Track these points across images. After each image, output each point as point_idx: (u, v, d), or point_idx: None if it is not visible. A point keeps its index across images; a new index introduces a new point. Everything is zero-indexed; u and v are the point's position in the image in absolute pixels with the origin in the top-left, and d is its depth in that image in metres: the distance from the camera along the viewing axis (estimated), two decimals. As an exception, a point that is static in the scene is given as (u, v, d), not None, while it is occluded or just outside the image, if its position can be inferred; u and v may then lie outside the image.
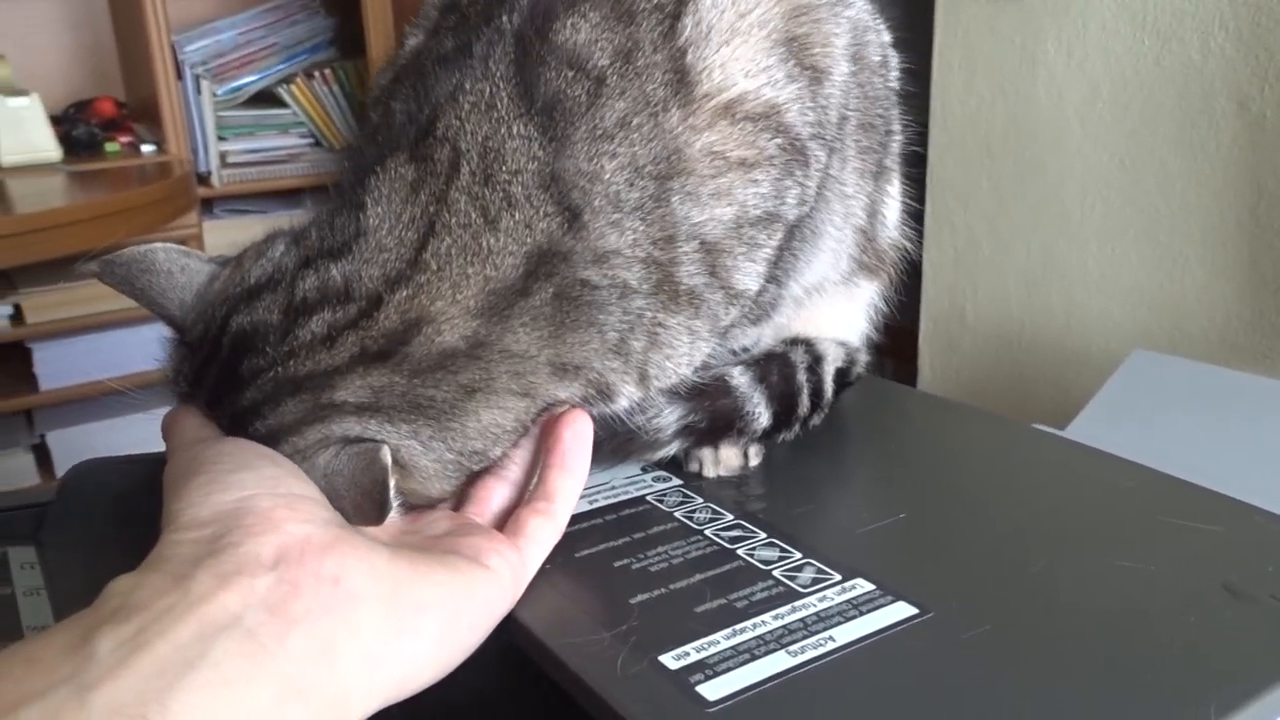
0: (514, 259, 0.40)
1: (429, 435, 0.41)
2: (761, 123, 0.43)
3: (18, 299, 1.73)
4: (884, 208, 0.56)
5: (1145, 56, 1.45)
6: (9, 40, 1.92)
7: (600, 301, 0.41)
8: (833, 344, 0.56)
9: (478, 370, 0.41)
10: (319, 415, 0.40)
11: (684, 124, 0.42)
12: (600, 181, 0.41)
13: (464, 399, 0.41)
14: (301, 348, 0.40)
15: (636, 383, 0.44)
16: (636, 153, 0.41)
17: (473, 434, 0.42)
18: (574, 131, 0.41)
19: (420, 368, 0.40)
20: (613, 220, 0.41)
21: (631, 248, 0.41)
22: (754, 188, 0.43)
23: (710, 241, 0.43)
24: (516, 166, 0.40)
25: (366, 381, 0.40)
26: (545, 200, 0.40)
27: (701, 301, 0.44)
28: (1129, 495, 0.48)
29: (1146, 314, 1.51)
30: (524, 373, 0.42)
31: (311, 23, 2.21)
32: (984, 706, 0.34)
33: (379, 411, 0.40)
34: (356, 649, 0.32)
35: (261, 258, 0.43)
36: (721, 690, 0.34)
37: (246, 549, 0.32)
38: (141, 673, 0.28)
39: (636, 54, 0.41)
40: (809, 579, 0.41)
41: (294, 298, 0.41)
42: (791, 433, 0.53)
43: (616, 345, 0.43)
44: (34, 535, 0.59)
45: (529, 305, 0.41)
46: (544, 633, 0.38)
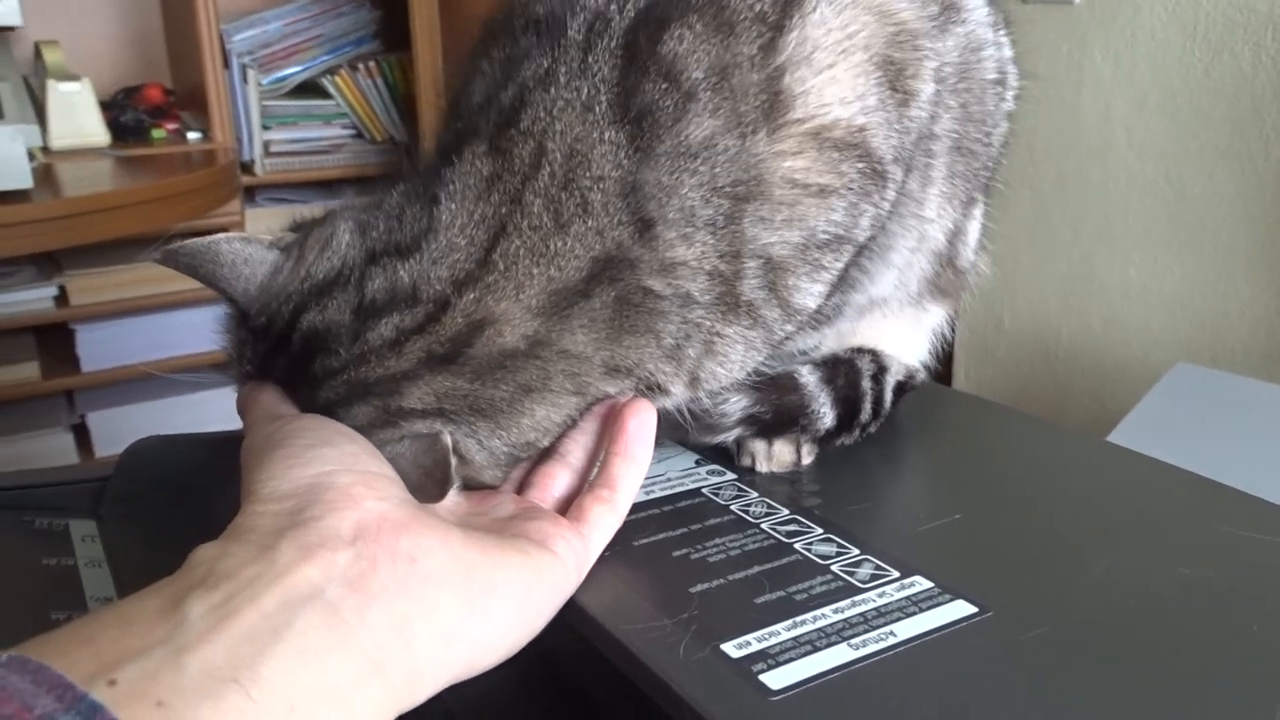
0: (579, 262, 0.41)
1: (486, 433, 0.42)
2: (847, 150, 0.43)
3: (63, 281, 1.75)
4: (967, 229, 0.55)
5: (1195, 67, 1.44)
6: (62, 26, 1.95)
7: (661, 310, 0.42)
8: (896, 359, 0.57)
9: (535, 370, 0.42)
10: (388, 420, 0.41)
11: (769, 149, 0.41)
12: (677, 195, 0.41)
13: (521, 397, 0.42)
14: (372, 352, 0.41)
15: (686, 385, 0.45)
16: (717, 172, 0.41)
17: (526, 428, 0.43)
18: (659, 144, 0.40)
19: (482, 369, 0.41)
20: (684, 234, 0.41)
21: (699, 260, 0.41)
22: (827, 214, 0.43)
23: (775, 260, 0.43)
24: (600, 173, 0.40)
25: (431, 388, 0.41)
26: (621, 209, 0.40)
27: (759, 315, 0.44)
28: (1185, 503, 0.48)
29: (1188, 327, 1.50)
30: (579, 373, 0.42)
31: (357, 15, 2.23)
32: (1045, 706, 0.34)
33: (442, 415, 0.41)
34: (431, 627, 0.33)
35: (326, 249, 0.43)
36: (784, 680, 0.34)
37: (327, 523, 0.33)
38: (232, 638, 0.29)
39: (733, 72, 0.41)
40: (867, 575, 0.41)
41: (364, 298, 0.42)
42: (851, 438, 0.54)
43: (671, 351, 0.43)
44: (94, 509, 0.60)
45: (589, 307, 0.41)
46: (605, 618, 0.39)
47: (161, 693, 0.27)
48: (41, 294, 1.74)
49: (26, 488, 0.61)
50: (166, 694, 0.27)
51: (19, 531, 0.57)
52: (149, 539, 0.57)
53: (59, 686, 0.26)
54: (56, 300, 1.75)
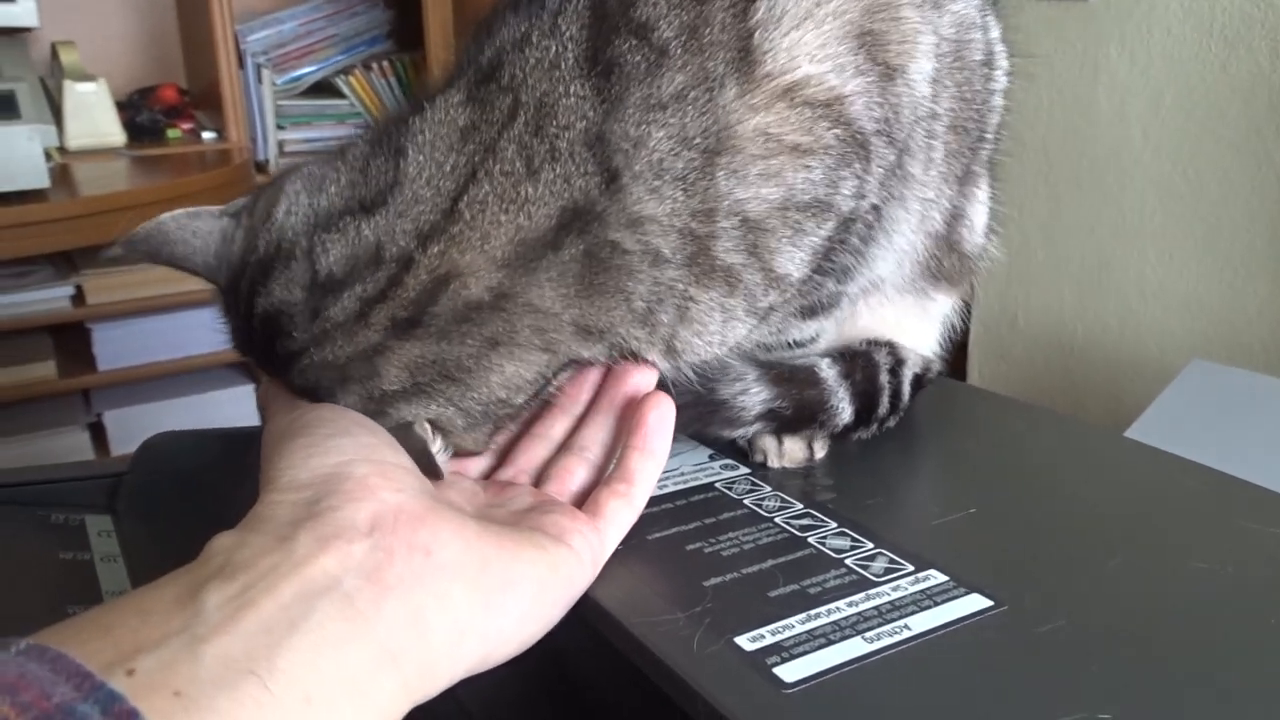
0: (548, 210, 0.40)
1: (459, 397, 0.42)
2: (821, 110, 0.43)
3: (79, 280, 1.76)
4: (970, 213, 0.55)
5: (1211, 63, 1.43)
6: (79, 27, 1.96)
7: (630, 267, 0.41)
8: (913, 350, 0.56)
9: (501, 323, 0.41)
10: (377, 408, 0.41)
11: (739, 101, 0.41)
12: (645, 148, 0.40)
13: (488, 351, 0.41)
14: (336, 329, 0.41)
15: (663, 354, 0.44)
16: (687, 125, 0.41)
17: (496, 386, 0.42)
18: (627, 97, 0.41)
19: (447, 327, 0.41)
20: (653, 187, 0.41)
21: (669, 217, 0.41)
22: (805, 173, 0.43)
23: (752, 219, 0.42)
24: (566, 122, 0.40)
25: (402, 360, 0.41)
26: (588, 158, 0.40)
27: (738, 280, 0.43)
28: (1201, 498, 0.48)
29: (1204, 324, 1.49)
30: (547, 329, 0.42)
31: (370, 15, 2.24)
32: (1061, 700, 0.33)
33: (418, 390, 0.41)
34: (446, 620, 0.33)
35: (269, 219, 0.42)
36: (798, 673, 0.34)
37: (344, 514, 0.33)
38: (249, 629, 0.29)
39: (704, 30, 0.41)
40: (881, 568, 0.41)
41: (317, 272, 0.41)
42: (868, 432, 0.53)
43: (643, 315, 0.43)
44: (109, 505, 0.60)
45: (557, 260, 0.41)
46: (620, 611, 0.38)
47: (179, 683, 0.27)
48: (58, 293, 1.75)
49: (43, 483, 0.61)
50: (184, 684, 0.27)
51: (35, 526, 0.58)
52: (164, 534, 0.57)
53: (77, 675, 0.26)
54: (73, 299, 1.76)
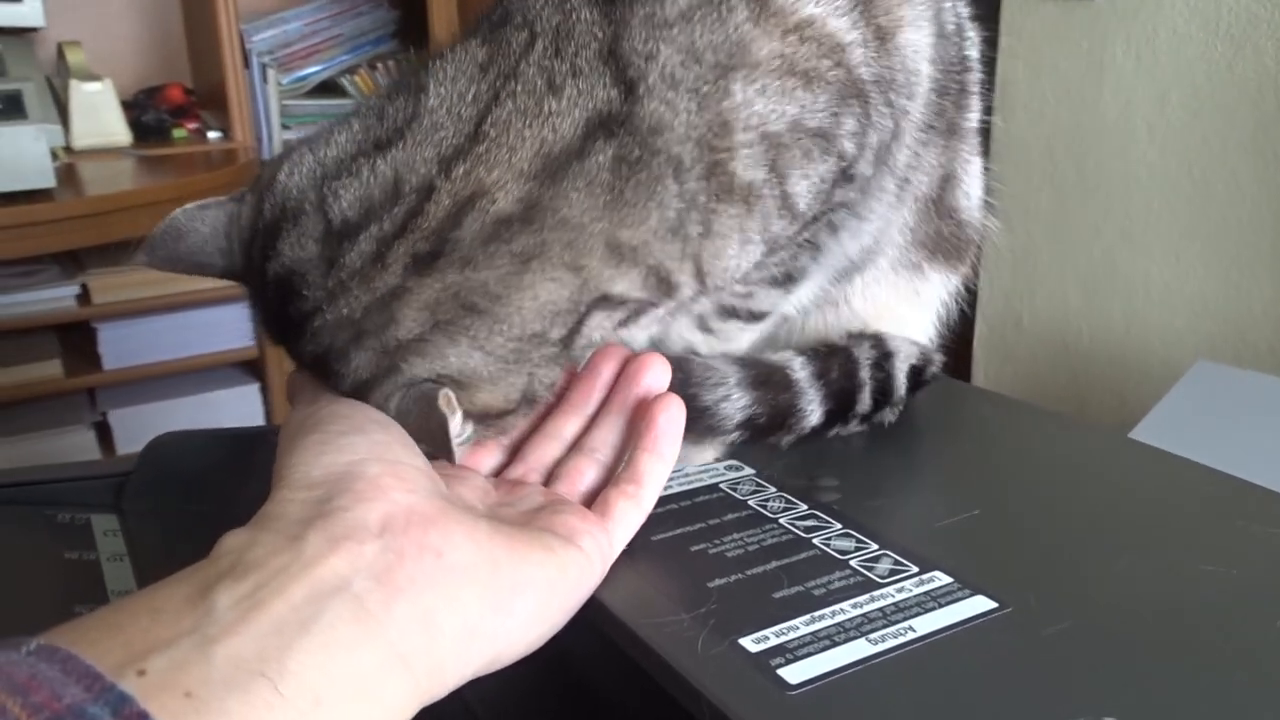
0: (573, 120, 0.41)
1: (485, 332, 0.41)
2: (826, 48, 0.44)
3: (85, 279, 1.77)
4: (963, 177, 0.55)
5: (1217, 62, 1.42)
6: (85, 27, 1.96)
7: (657, 173, 0.42)
8: (905, 341, 0.56)
9: (531, 236, 0.41)
10: (391, 365, 0.40)
11: (754, 27, 0.42)
12: (655, 61, 0.41)
13: (519, 271, 0.41)
14: (352, 278, 0.40)
15: (694, 275, 0.44)
16: (695, 41, 0.42)
17: (530, 314, 0.41)
18: (632, 16, 0.42)
19: (472, 250, 0.40)
20: (666, 98, 0.41)
21: (685, 127, 0.42)
22: (813, 98, 0.44)
23: (772, 134, 0.43)
24: (581, 44, 0.42)
25: (421, 299, 0.40)
26: (605, 72, 0.41)
27: (757, 199, 0.44)
28: (1207, 499, 0.48)
29: (1210, 325, 1.49)
30: (577, 244, 0.41)
31: (376, 15, 2.24)
32: (1065, 702, 0.33)
33: (439, 330, 0.40)
34: (456, 622, 0.33)
35: (273, 181, 0.42)
36: (803, 674, 0.34)
37: (355, 514, 0.33)
38: (260, 630, 0.29)
39: None
40: (886, 570, 0.41)
41: (330, 221, 0.40)
42: (847, 428, 0.53)
43: (674, 225, 0.43)
44: (115, 504, 0.61)
45: (585, 169, 0.41)
46: (624, 612, 0.38)
47: (190, 684, 0.27)
48: (64, 293, 1.75)
49: (48, 483, 0.61)
50: (195, 685, 0.27)
51: (41, 526, 0.58)
52: (170, 533, 0.58)
53: (88, 676, 0.26)
54: (79, 299, 1.77)
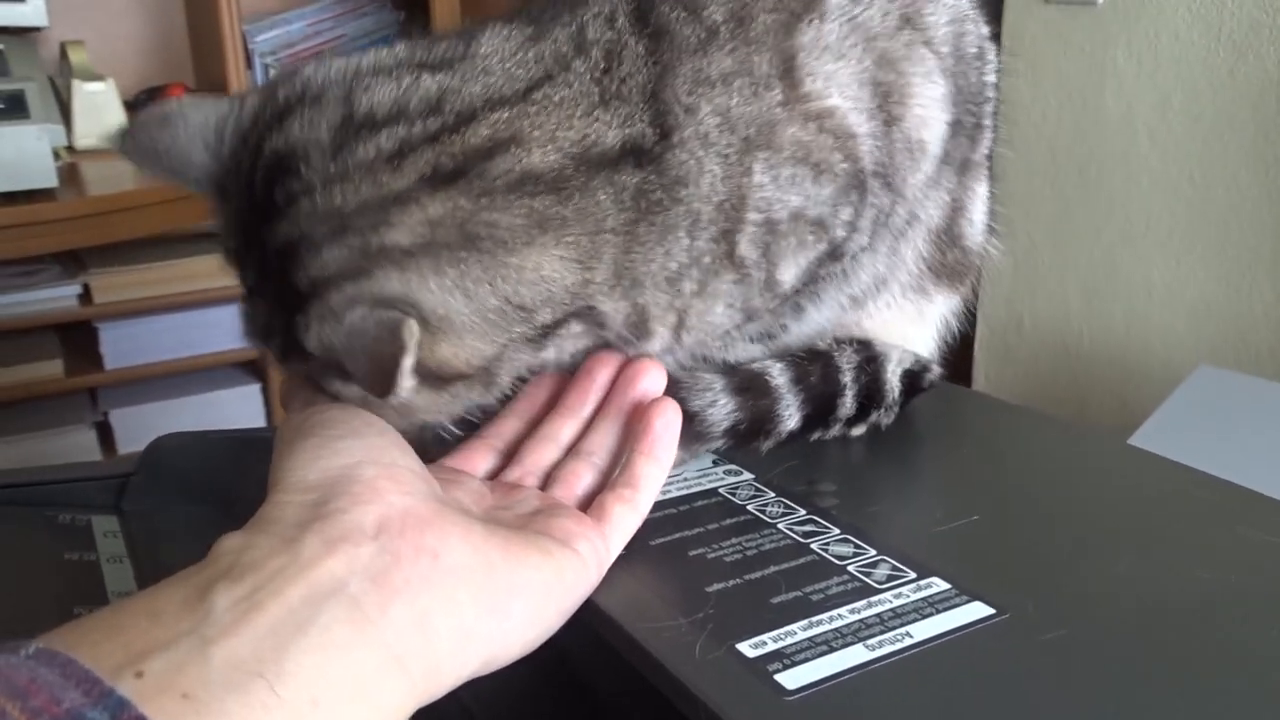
0: (615, 136, 0.42)
1: (478, 274, 0.39)
2: (839, 141, 0.46)
3: (87, 279, 1.76)
4: (969, 205, 0.56)
5: (1219, 68, 1.43)
6: (87, 27, 1.96)
7: (673, 222, 0.43)
8: (897, 347, 0.56)
9: (556, 205, 0.40)
10: (363, 268, 0.38)
11: (783, 109, 0.44)
12: (695, 116, 0.42)
13: (534, 230, 0.40)
14: (358, 169, 0.38)
15: (672, 328, 0.46)
16: (733, 108, 0.43)
17: (528, 279, 0.40)
18: (680, 65, 0.43)
19: (494, 187, 0.39)
20: (697, 156, 0.43)
21: (710, 189, 0.43)
22: (819, 190, 0.45)
23: (774, 221, 0.45)
24: (628, 72, 0.43)
25: (427, 213, 0.38)
26: (646, 110, 0.42)
27: (748, 275, 0.46)
28: (1206, 506, 0.48)
29: (1211, 329, 1.49)
30: (594, 243, 0.42)
31: (379, 16, 2.24)
32: (1063, 708, 0.33)
33: (429, 251, 0.39)
34: (452, 623, 0.33)
35: (296, 73, 0.41)
36: (800, 680, 0.34)
37: (351, 516, 0.33)
38: (257, 632, 0.29)
39: (751, 25, 0.44)
40: (884, 575, 0.41)
41: (354, 110, 0.39)
42: (830, 432, 0.53)
43: (673, 277, 0.44)
44: (116, 505, 0.61)
45: (616, 179, 0.42)
46: (622, 617, 0.39)
47: (188, 685, 0.27)
48: (65, 292, 1.75)
49: (49, 483, 0.61)
50: (193, 686, 0.27)
51: (41, 527, 0.58)
52: (171, 534, 0.58)
53: (86, 681, 0.26)
54: (80, 298, 1.76)
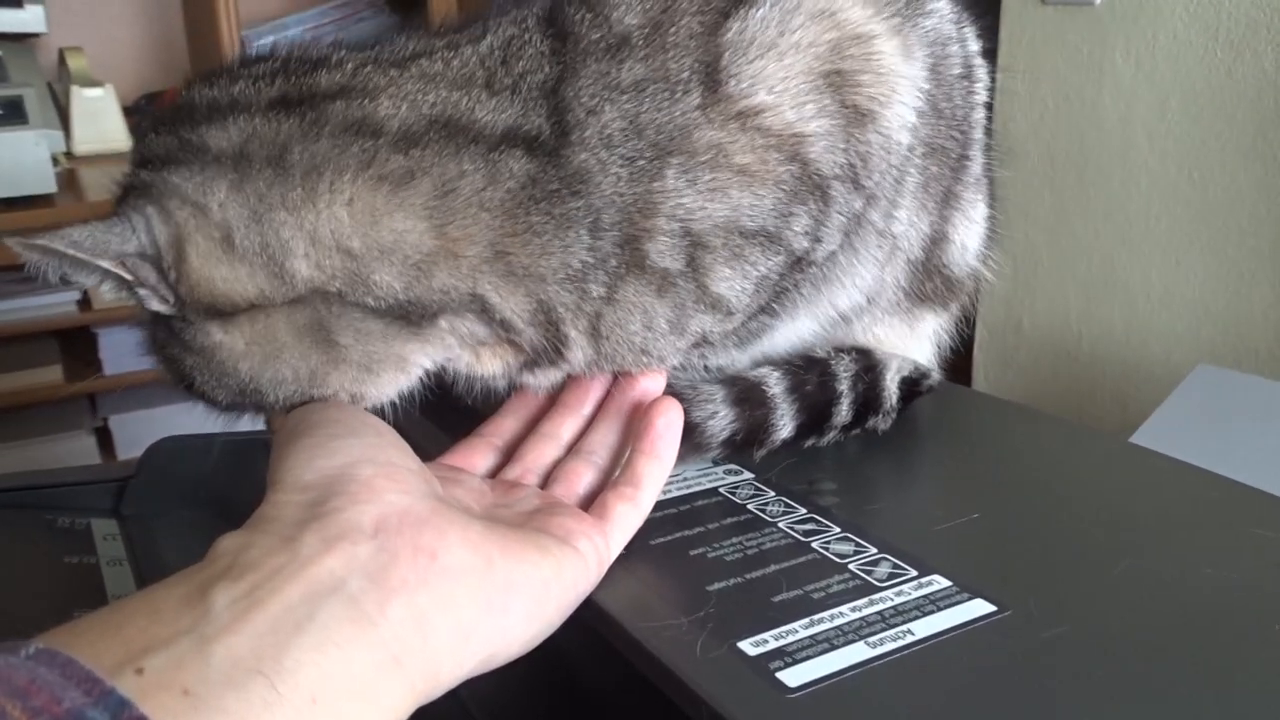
0: (492, 120, 0.42)
1: (276, 197, 0.40)
2: (775, 141, 0.43)
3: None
4: (957, 235, 0.54)
5: (1217, 68, 1.43)
6: (86, 33, 1.97)
7: (572, 217, 0.42)
8: (897, 356, 0.56)
9: (399, 159, 0.40)
10: (177, 158, 0.41)
11: (700, 112, 0.42)
12: (597, 118, 0.42)
13: (360, 170, 0.40)
14: (227, 78, 0.42)
15: (588, 334, 0.44)
16: (641, 115, 0.42)
17: (343, 219, 0.40)
18: (582, 68, 0.42)
19: (327, 121, 0.41)
20: (600, 157, 0.42)
21: (612, 191, 0.42)
22: (752, 199, 0.43)
23: (695, 233, 0.43)
24: (525, 68, 0.43)
25: (254, 125, 0.40)
26: (543, 106, 0.42)
27: (671, 286, 0.44)
28: (1208, 504, 0.48)
29: (1211, 329, 1.49)
30: (452, 209, 0.41)
31: (377, 21, 2.24)
32: (1064, 706, 0.33)
33: (233, 165, 0.40)
34: (449, 622, 0.33)
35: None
36: (802, 677, 0.34)
37: (348, 515, 0.33)
38: (256, 629, 0.29)
39: (670, 30, 0.43)
40: (885, 573, 0.41)
41: (273, 60, 0.44)
42: (824, 439, 0.53)
43: (577, 276, 0.42)
44: (115, 508, 0.61)
45: (490, 160, 0.41)
46: (622, 615, 0.38)
47: (188, 682, 0.27)
48: (64, 298, 1.75)
49: (48, 487, 0.61)
50: (193, 683, 0.27)
51: (41, 530, 0.58)
52: (170, 537, 0.58)
53: (87, 680, 0.26)
54: (79, 304, 1.76)
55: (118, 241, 0.40)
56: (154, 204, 0.40)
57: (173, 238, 0.40)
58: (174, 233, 0.40)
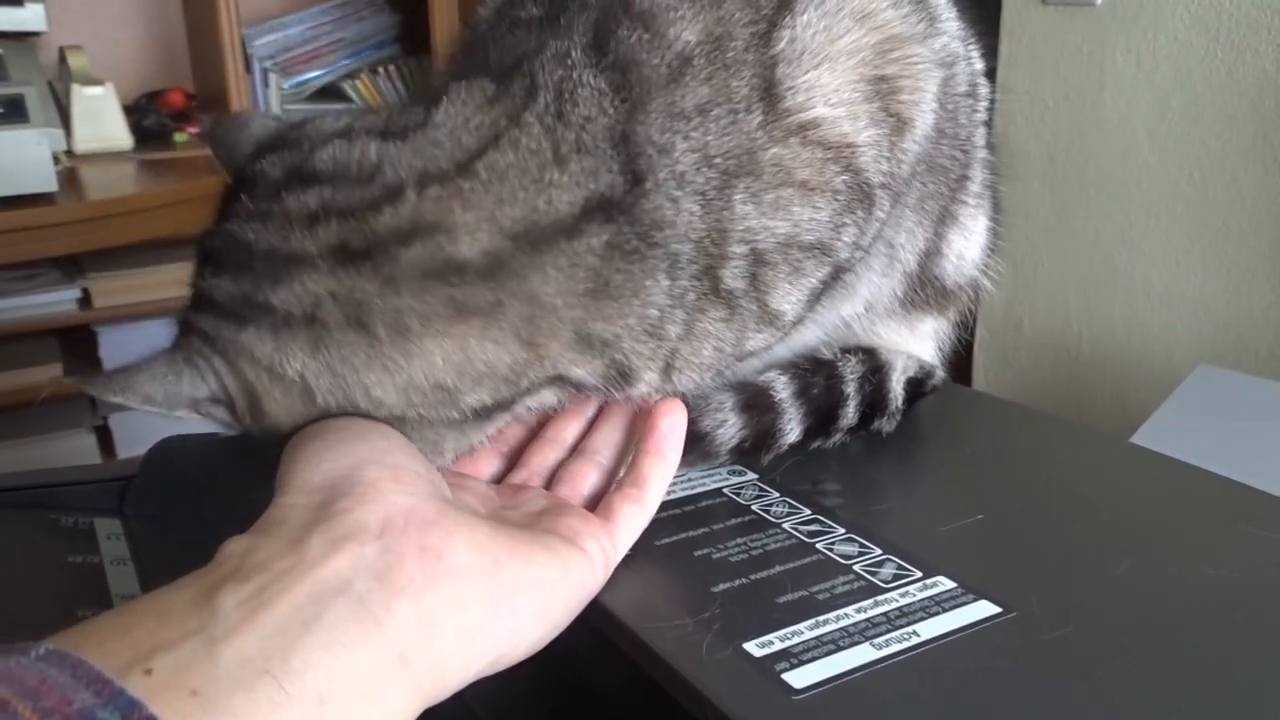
0: (572, 198, 0.39)
1: (360, 361, 0.39)
2: (833, 153, 0.43)
3: (86, 283, 1.76)
4: (952, 248, 0.54)
5: (1217, 68, 1.43)
6: (87, 32, 1.96)
7: (650, 268, 0.40)
8: (902, 355, 0.56)
9: (486, 292, 0.39)
10: (234, 315, 0.39)
11: (762, 130, 0.41)
12: (669, 157, 0.40)
13: (450, 318, 0.38)
14: (278, 215, 0.39)
15: (660, 372, 0.44)
16: (709, 142, 0.41)
17: (441, 365, 0.39)
18: (650, 101, 0.40)
19: (406, 275, 0.38)
20: (673, 197, 0.40)
21: (687, 227, 0.41)
22: (811, 212, 0.43)
23: (760, 251, 0.43)
24: (588, 114, 0.40)
25: (321, 286, 0.38)
26: (612, 157, 0.40)
27: (736, 307, 0.43)
28: (1210, 504, 0.48)
29: (1211, 329, 1.49)
30: (538, 322, 0.40)
31: (377, 19, 2.24)
32: (1069, 706, 0.33)
33: (308, 326, 0.38)
34: (456, 623, 0.33)
35: (313, 121, 0.43)
36: (807, 679, 0.34)
37: (355, 516, 0.33)
38: (264, 630, 0.29)
39: (728, 45, 0.41)
40: (890, 575, 0.41)
41: (306, 160, 0.40)
42: (830, 441, 0.53)
43: (654, 325, 0.42)
44: (118, 508, 0.61)
45: (573, 248, 0.39)
46: (628, 616, 0.39)
47: (196, 682, 0.27)
48: (65, 296, 1.75)
49: (52, 486, 0.61)
50: (201, 684, 0.27)
51: (44, 529, 0.58)
52: (173, 536, 0.57)
53: (97, 681, 0.26)
54: (80, 303, 1.77)
55: (189, 391, 0.40)
56: (223, 359, 0.40)
57: (245, 390, 0.40)
58: (246, 387, 0.40)
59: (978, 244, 0.56)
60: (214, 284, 0.40)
